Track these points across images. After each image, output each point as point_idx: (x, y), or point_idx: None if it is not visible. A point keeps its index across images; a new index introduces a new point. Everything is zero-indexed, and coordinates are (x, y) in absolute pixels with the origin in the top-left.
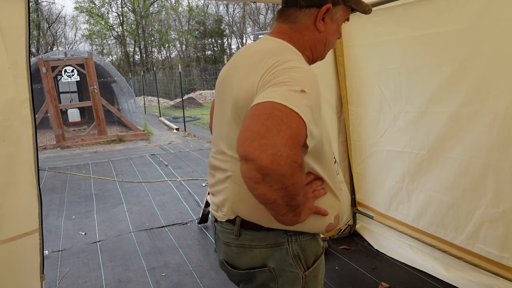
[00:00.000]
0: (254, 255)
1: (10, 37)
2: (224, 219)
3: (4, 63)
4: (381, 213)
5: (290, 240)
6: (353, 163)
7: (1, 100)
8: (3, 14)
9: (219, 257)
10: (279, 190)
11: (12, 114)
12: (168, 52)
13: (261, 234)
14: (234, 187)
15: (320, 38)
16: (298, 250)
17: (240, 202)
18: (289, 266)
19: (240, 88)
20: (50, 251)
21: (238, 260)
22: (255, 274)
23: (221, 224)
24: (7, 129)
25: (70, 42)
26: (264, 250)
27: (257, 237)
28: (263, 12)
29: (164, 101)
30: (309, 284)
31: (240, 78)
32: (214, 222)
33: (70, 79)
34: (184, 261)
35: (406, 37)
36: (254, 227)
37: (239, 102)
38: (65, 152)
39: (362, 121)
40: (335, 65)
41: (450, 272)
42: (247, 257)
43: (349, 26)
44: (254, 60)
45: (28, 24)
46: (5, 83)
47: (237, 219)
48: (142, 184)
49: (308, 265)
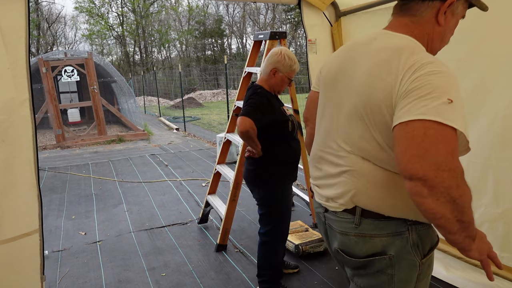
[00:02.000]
0: (375, 243)
1: (10, 37)
2: (340, 209)
3: (4, 63)
4: None
5: (410, 230)
6: None
7: (1, 100)
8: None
9: (333, 246)
10: (447, 204)
11: (12, 114)
12: (168, 52)
13: (382, 224)
14: (353, 181)
15: (439, 31)
16: (417, 239)
17: (361, 194)
18: (408, 254)
19: (372, 87)
20: (50, 251)
21: (356, 248)
22: (373, 261)
23: (335, 214)
24: (7, 129)
25: (70, 42)
26: (385, 239)
27: (378, 226)
28: (263, 12)
29: (164, 101)
30: (424, 271)
31: (367, 74)
32: (324, 213)
33: (70, 79)
34: (184, 261)
35: None
36: (374, 216)
37: (371, 101)
38: (65, 152)
39: None
40: None
41: (450, 272)
42: (367, 246)
43: (349, 26)
44: (383, 58)
45: (28, 24)
46: (5, 83)
47: (357, 209)
48: (142, 184)
49: (424, 253)
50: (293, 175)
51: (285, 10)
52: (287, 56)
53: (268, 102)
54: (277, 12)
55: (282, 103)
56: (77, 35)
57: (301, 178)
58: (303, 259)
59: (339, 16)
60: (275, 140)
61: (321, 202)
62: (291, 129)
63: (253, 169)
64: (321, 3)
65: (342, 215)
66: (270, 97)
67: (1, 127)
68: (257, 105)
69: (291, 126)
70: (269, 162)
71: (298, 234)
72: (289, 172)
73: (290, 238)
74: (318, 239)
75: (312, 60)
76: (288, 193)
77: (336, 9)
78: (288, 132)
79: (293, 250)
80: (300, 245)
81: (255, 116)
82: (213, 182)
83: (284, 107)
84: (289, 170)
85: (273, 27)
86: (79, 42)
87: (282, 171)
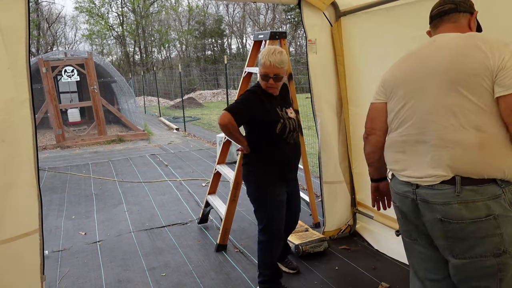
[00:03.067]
0: (478, 207)
1: (10, 37)
2: (438, 181)
3: (4, 63)
4: (381, 213)
5: (504, 191)
6: (353, 163)
7: (1, 100)
8: (3, 14)
9: (427, 219)
10: None
11: (12, 114)
12: (168, 52)
13: (481, 189)
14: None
15: None
16: (510, 197)
17: (459, 161)
18: (507, 212)
19: (463, 62)
20: (50, 251)
21: (461, 213)
22: (480, 226)
23: (432, 188)
24: (7, 129)
25: (70, 42)
26: (486, 202)
27: (478, 192)
28: (263, 12)
29: (164, 101)
30: None
31: (453, 60)
32: (416, 189)
33: (70, 79)
34: (184, 261)
35: (406, 37)
36: (472, 182)
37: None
38: (65, 152)
39: (362, 121)
40: (335, 65)
41: None
42: (471, 210)
43: (349, 26)
44: (459, 42)
45: (28, 24)
46: (5, 83)
47: (457, 178)
48: (142, 184)
49: None
50: (282, 176)
51: (285, 10)
52: (261, 53)
53: (258, 101)
54: (277, 12)
55: (288, 104)
56: (77, 35)
57: (301, 178)
58: (303, 259)
59: (339, 16)
60: (261, 140)
61: (411, 180)
62: (279, 131)
63: (242, 165)
64: (321, 3)
65: (441, 187)
66: (264, 96)
67: (1, 127)
68: (243, 102)
69: (280, 127)
70: (253, 160)
71: (298, 234)
72: (275, 172)
73: (290, 238)
74: (318, 239)
75: (312, 60)
76: (277, 193)
77: (336, 9)
78: (275, 133)
79: (293, 250)
80: (300, 245)
81: (237, 112)
82: (213, 182)
83: (289, 109)
84: (274, 170)
85: (273, 27)
86: (79, 42)
87: (265, 170)
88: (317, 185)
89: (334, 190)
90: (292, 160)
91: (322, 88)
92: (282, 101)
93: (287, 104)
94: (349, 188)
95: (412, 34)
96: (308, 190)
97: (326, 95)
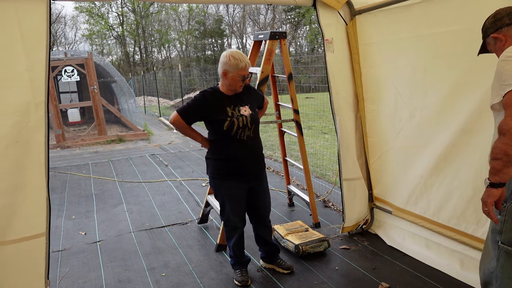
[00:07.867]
0: None
1: (30, 40)
2: None
3: (21, 65)
4: (400, 208)
5: None
6: (370, 159)
7: (18, 102)
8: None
9: None
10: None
11: (26, 116)
12: (168, 52)
13: None
14: None
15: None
16: None
17: None
18: None
19: None
20: (50, 251)
21: None
22: None
23: None
24: (20, 130)
25: (70, 42)
26: None
27: None
28: (263, 12)
29: (164, 101)
30: None
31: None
32: None
33: (70, 79)
34: (184, 261)
35: (422, 34)
36: None
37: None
38: (65, 152)
39: (377, 118)
40: (351, 63)
41: (464, 268)
42: None
43: (365, 25)
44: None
45: (49, 28)
46: (22, 85)
47: None
48: (142, 184)
49: None
50: (238, 170)
51: (285, 10)
52: (232, 57)
53: (203, 103)
54: (277, 12)
55: (245, 102)
56: (77, 35)
57: (301, 178)
58: (303, 259)
59: (354, 15)
60: (213, 136)
61: None
62: (226, 128)
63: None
64: (336, 3)
65: None
66: (214, 97)
67: (16, 128)
68: (189, 104)
69: (227, 125)
70: (210, 154)
71: (298, 234)
72: (227, 166)
73: (290, 238)
74: (318, 239)
75: (330, 59)
76: (228, 187)
77: (351, 8)
78: (223, 130)
79: (293, 250)
80: (300, 245)
81: (183, 112)
82: None
83: (245, 107)
84: (226, 165)
85: (273, 27)
86: (79, 42)
87: (219, 164)
88: (317, 185)
89: (353, 186)
90: (246, 156)
91: (340, 86)
92: (238, 100)
93: (244, 102)
94: (366, 183)
95: (428, 31)
96: (308, 190)
97: (344, 93)
